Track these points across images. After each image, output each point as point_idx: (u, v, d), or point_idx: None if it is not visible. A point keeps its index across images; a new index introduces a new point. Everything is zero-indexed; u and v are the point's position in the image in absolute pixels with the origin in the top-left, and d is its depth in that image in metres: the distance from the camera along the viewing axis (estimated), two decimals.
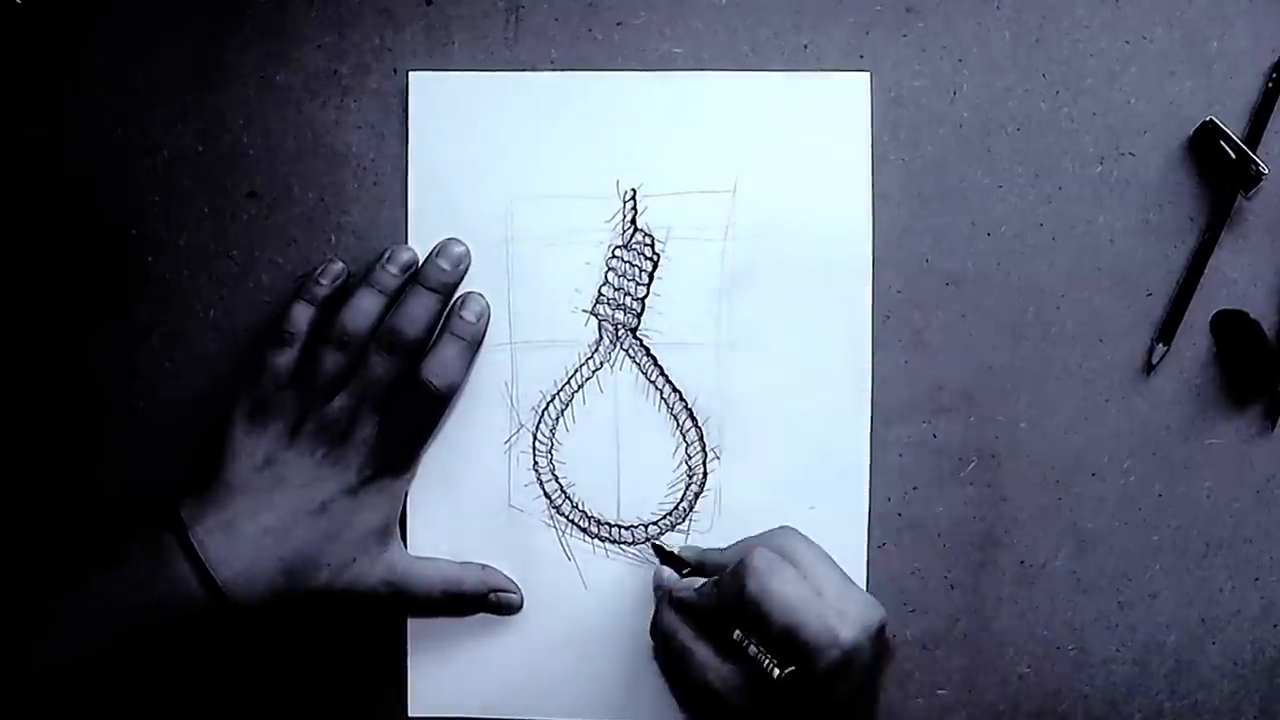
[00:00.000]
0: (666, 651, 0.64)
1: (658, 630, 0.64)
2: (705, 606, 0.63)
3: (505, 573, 0.69)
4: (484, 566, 0.68)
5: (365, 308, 0.66)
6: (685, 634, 0.63)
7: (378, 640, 0.69)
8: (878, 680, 0.62)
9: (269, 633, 0.68)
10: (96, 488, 0.69)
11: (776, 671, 0.58)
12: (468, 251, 0.67)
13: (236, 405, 0.66)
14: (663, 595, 0.66)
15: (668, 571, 0.67)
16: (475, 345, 0.67)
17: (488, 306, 0.67)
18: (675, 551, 0.68)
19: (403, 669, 0.69)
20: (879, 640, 0.61)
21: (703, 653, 0.62)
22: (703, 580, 0.64)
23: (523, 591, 0.69)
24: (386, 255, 0.67)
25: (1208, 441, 0.68)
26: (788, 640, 0.59)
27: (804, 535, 0.64)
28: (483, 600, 0.68)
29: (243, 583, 0.63)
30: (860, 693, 0.60)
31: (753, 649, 0.59)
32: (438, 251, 0.67)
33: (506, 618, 0.69)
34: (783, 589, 0.59)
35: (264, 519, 0.64)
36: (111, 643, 0.62)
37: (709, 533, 0.68)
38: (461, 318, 0.67)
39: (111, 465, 0.69)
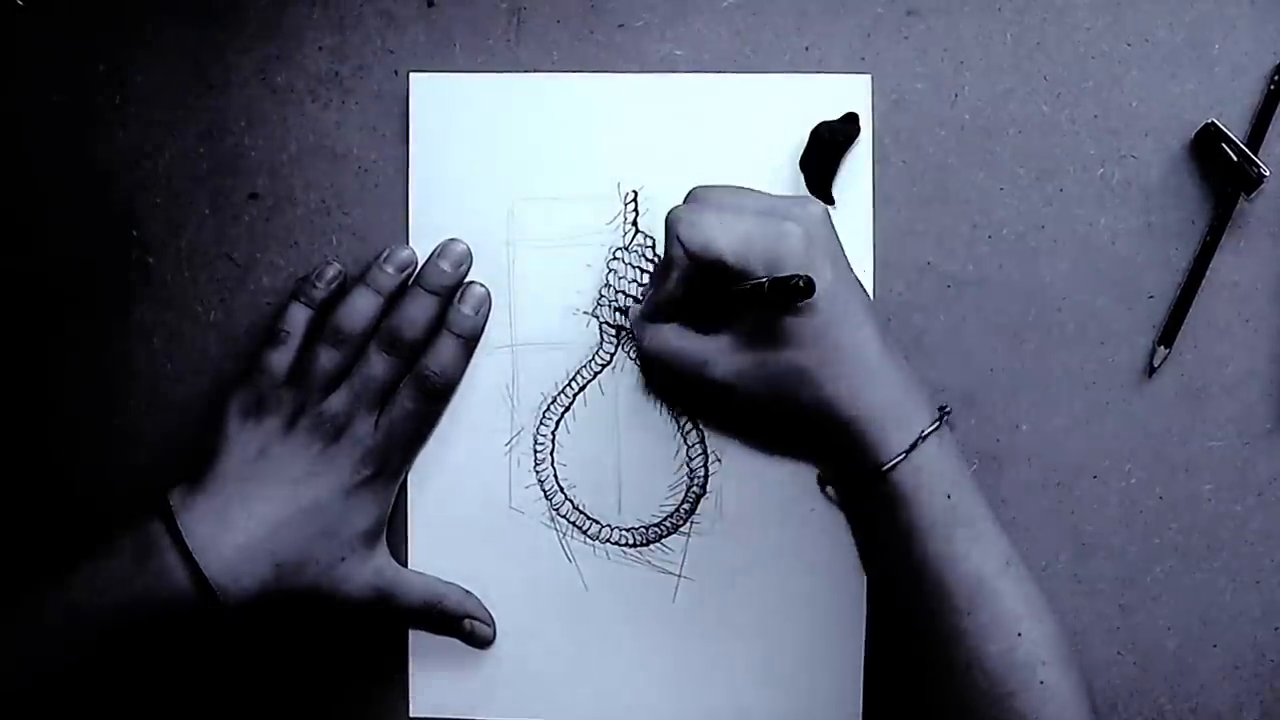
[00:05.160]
0: (662, 367, 0.64)
1: (645, 350, 0.64)
2: (666, 295, 0.63)
3: (505, 575, 0.69)
4: (467, 592, 0.68)
5: (361, 307, 0.66)
6: (670, 335, 0.63)
7: (380, 641, 0.69)
8: (849, 273, 0.61)
9: (262, 632, 0.68)
10: (96, 489, 0.69)
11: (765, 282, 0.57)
12: (469, 252, 0.67)
13: (230, 400, 0.66)
14: (634, 322, 0.66)
15: (632, 307, 0.67)
16: (475, 339, 0.67)
17: (488, 296, 0.67)
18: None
19: (405, 670, 0.69)
20: (829, 228, 0.61)
21: (692, 341, 0.62)
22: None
23: (524, 592, 0.69)
24: (384, 255, 0.67)
25: (1209, 444, 0.68)
26: (746, 261, 0.59)
27: (711, 184, 0.64)
28: (457, 624, 0.68)
29: (231, 574, 0.62)
30: (837, 277, 0.60)
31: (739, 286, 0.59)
32: (439, 252, 0.67)
33: (506, 619, 0.69)
34: (715, 219, 0.60)
35: (256, 510, 0.64)
36: (96, 635, 0.62)
37: (710, 535, 0.68)
38: (460, 310, 0.67)
39: (112, 466, 0.69)
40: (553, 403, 0.69)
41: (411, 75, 0.68)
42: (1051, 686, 0.59)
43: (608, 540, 0.69)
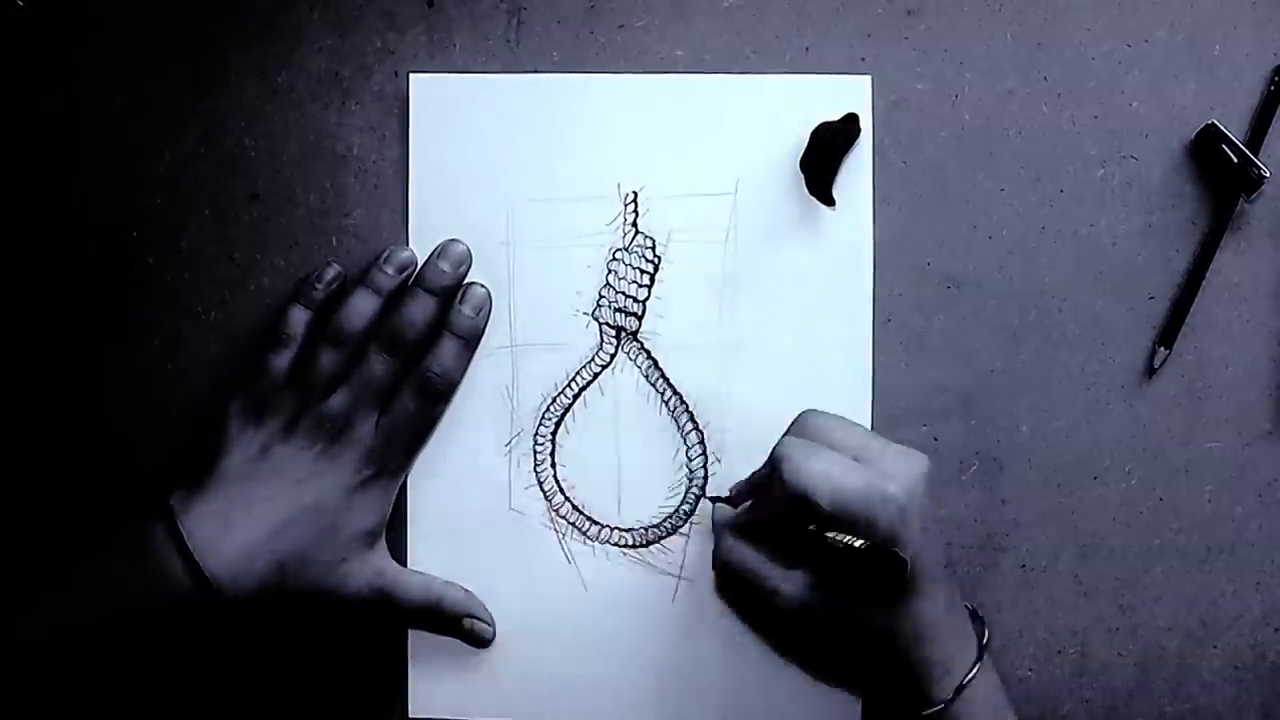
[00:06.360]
0: (735, 580, 0.64)
1: (721, 561, 0.64)
2: (758, 520, 0.64)
3: (505, 575, 0.69)
4: (466, 591, 0.68)
5: (361, 309, 0.66)
6: (749, 556, 0.63)
7: (380, 642, 0.69)
8: (936, 528, 0.62)
9: (263, 632, 0.68)
10: (97, 489, 0.69)
11: (857, 542, 0.58)
12: (469, 252, 0.67)
13: (231, 401, 0.66)
14: (720, 528, 0.66)
15: (723, 507, 0.67)
16: (475, 339, 0.67)
17: (488, 297, 0.67)
18: (726, 494, 0.67)
19: (404, 670, 0.69)
20: (928, 487, 0.61)
21: (767, 568, 0.62)
22: (750, 501, 0.65)
23: (523, 593, 0.69)
24: (384, 256, 0.67)
25: (1209, 445, 0.68)
26: (842, 516, 0.59)
27: (824, 411, 0.64)
28: (457, 623, 0.68)
29: (231, 574, 0.63)
30: (924, 543, 0.60)
31: (831, 537, 0.59)
32: (439, 253, 0.67)
33: (506, 619, 0.69)
34: (820, 467, 0.59)
35: (257, 511, 0.64)
36: (98, 636, 0.62)
37: (710, 536, 0.68)
38: (461, 311, 0.67)
39: (112, 467, 0.69)
40: (552, 403, 0.69)
41: (412, 76, 0.68)
42: None
43: (607, 541, 0.69)
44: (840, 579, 0.61)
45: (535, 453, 0.69)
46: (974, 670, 0.61)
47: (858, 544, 0.58)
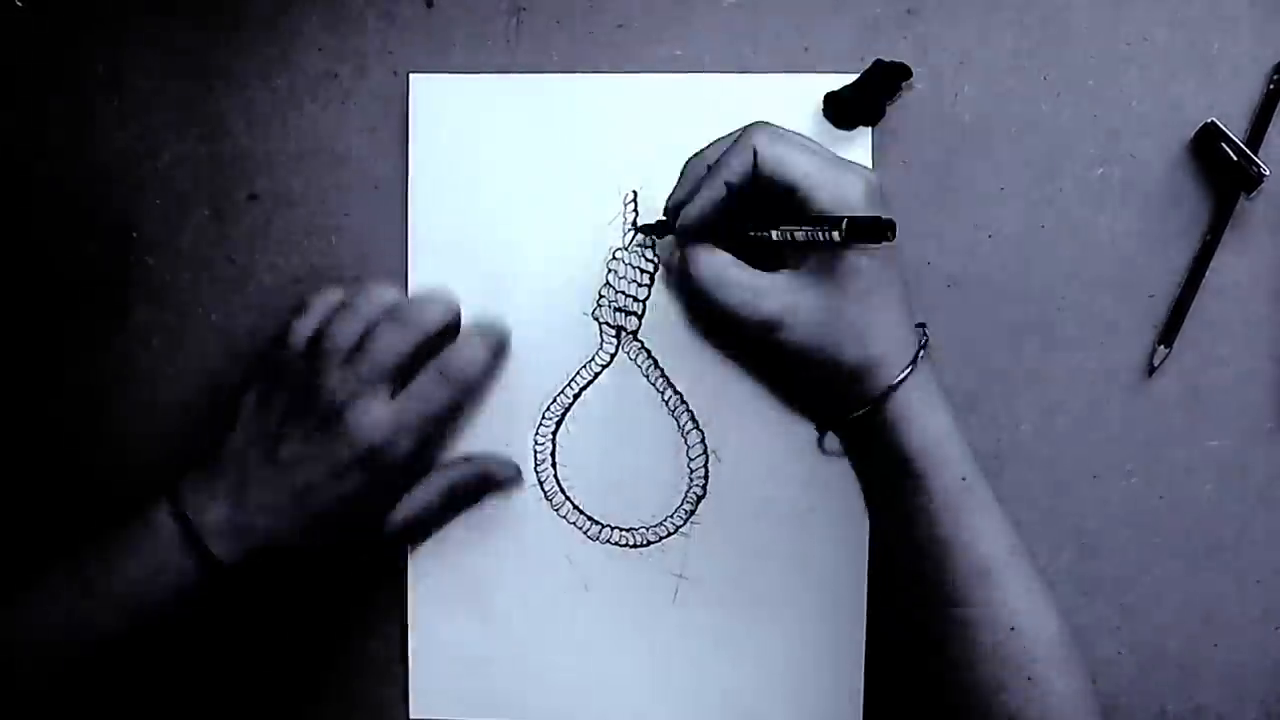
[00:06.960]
0: (711, 295, 0.61)
1: (699, 281, 0.62)
2: (712, 202, 0.61)
3: (506, 576, 0.69)
4: (468, 459, 0.68)
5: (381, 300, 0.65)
6: (724, 261, 0.61)
7: (381, 641, 0.69)
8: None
9: (265, 618, 0.69)
10: (96, 489, 0.69)
11: (835, 235, 0.57)
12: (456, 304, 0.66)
13: (247, 384, 0.65)
14: (691, 243, 0.62)
15: (668, 237, 0.66)
16: (503, 348, 0.67)
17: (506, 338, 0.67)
18: (658, 220, 0.65)
19: (404, 670, 0.69)
20: (880, 190, 0.61)
21: (746, 273, 0.61)
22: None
23: (524, 593, 0.69)
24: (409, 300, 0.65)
25: (1209, 444, 0.68)
26: (811, 195, 0.59)
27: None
28: (477, 492, 0.68)
29: (236, 558, 0.62)
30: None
31: (803, 228, 0.59)
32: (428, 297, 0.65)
33: (506, 620, 0.69)
34: (795, 144, 0.60)
35: (262, 495, 0.63)
36: (103, 620, 0.62)
37: (710, 535, 0.68)
38: (492, 325, 0.66)
39: (112, 467, 0.69)
40: (553, 403, 0.69)
41: (411, 76, 0.68)
42: (1041, 686, 0.59)
43: (608, 541, 0.69)
44: (824, 265, 0.60)
45: (535, 453, 0.69)
46: (906, 372, 0.61)
47: (837, 231, 0.57)
